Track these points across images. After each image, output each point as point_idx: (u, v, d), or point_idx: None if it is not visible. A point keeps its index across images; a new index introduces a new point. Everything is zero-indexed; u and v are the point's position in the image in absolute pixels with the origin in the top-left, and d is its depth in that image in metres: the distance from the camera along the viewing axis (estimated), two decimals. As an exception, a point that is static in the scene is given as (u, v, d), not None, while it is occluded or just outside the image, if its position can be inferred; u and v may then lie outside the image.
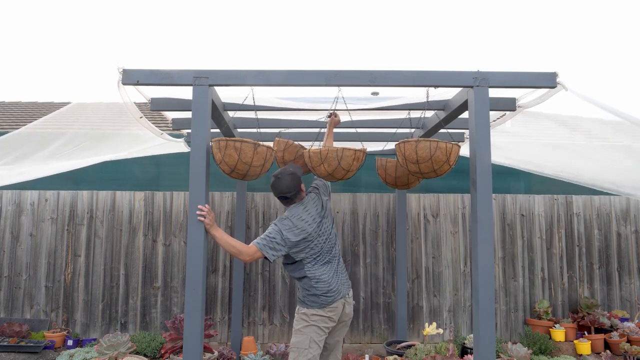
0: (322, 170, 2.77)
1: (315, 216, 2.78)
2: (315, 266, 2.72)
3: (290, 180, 2.69)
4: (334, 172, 2.76)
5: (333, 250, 2.80)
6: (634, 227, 5.21)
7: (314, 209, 2.81)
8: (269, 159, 2.70)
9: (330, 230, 2.84)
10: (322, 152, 2.72)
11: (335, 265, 2.78)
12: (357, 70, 2.59)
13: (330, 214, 2.91)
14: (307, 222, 2.74)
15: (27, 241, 4.97)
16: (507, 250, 5.10)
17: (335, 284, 2.71)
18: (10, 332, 4.51)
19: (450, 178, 5.15)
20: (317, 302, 2.68)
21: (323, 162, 2.74)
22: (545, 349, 4.38)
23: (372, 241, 5.03)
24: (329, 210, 2.91)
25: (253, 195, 5.03)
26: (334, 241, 2.84)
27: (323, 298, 2.67)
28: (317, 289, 2.67)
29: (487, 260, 2.44)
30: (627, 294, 5.12)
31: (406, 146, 2.70)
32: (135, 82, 2.59)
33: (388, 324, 4.92)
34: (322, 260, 2.74)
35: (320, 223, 2.79)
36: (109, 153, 3.87)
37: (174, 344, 3.93)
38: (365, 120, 3.84)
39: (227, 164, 2.62)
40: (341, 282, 2.76)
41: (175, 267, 4.92)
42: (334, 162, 2.72)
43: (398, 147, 2.77)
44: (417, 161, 2.67)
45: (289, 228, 2.66)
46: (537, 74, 2.60)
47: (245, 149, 2.60)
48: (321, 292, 2.68)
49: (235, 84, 2.62)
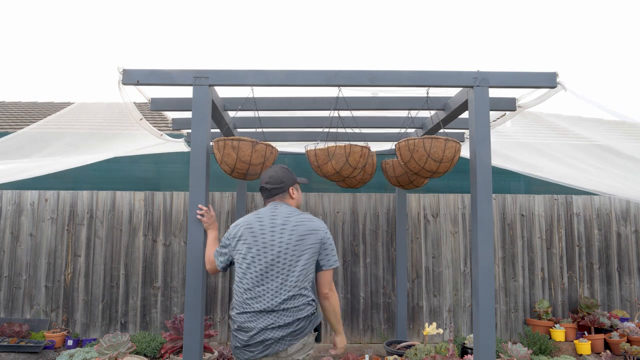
0: (329, 168, 2.76)
1: None
2: None
3: (280, 171, 2.30)
4: (341, 170, 2.75)
5: None
6: (634, 227, 5.21)
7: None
8: (269, 157, 2.70)
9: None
10: (329, 149, 2.72)
11: None
12: (357, 70, 2.59)
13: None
14: None
15: (27, 241, 4.97)
16: (507, 250, 5.10)
17: None
18: (10, 332, 4.51)
19: (450, 178, 5.17)
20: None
21: (330, 159, 2.73)
22: (545, 349, 4.38)
23: (372, 241, 5.03)
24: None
25: (253, 195, 5.03)
26: None
27: None
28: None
29: (487, 260, 2.44)
30: (627, 294, 5.12)
31: (402, 147, 2.71)
32: (136, 82, 2.59)
33: (388, 324, 4.92)
34: None
35: None
36: (108, 151, 3.87)
37: (174, 344, 3.93)
38: (365, 119, 3.84)
39: (226, 163, 2.63)
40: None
41: (175, 267, 4.92)
42: (342, 158, 2.71)
43: (398, 147, 2.77)
44: (413, 160, 2.68)
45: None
46: (537, 74, 2.60)
47: (243, 147, 2.60)
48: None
49: (235, 83, 2.62)
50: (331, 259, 2.15)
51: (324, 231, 2.15)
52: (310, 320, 2.08)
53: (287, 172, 2.31)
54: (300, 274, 2.07)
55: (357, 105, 3.29)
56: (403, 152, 2.73)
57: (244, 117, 3.80)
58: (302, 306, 2.06)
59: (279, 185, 2.26)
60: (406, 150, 2.71)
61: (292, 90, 3.17)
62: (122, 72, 2.59)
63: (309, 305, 2.09)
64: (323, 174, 2.82)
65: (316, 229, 2.13)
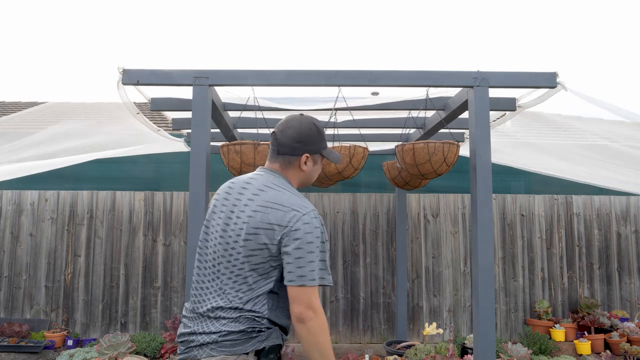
0: (331, 168, 2.77)
1: None
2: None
3: (307, 126, 1.57)
4: (343, 171, 2.77)
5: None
6: (634, 227, 5.21)
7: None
8: None
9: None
10: (334, 149, 2.73)
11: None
12: (357, 70, 2.59)
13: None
14: None
15: (27, 241, 4.97)
16: (507, 250, 5.10)
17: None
18: (10, 332, 4.51)
19: (450, 178, 5.17)
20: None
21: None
22: (545, 349, 4.38)
23: (372, 241, 5.03)
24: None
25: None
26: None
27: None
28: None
29: (487, 260, 2.44)
30: (627, 294, 5.12)
31: (401, 151, 2.71)
32: (136, 82, 2.59)
33: (388, 324, 4.92)
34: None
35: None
36: (107, 150, 3.86)
37: (174, 344, 3.93)
38: (365, 120, 3.84)
39: (233, 167, 2.68)
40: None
41: (175, 267, 4.92)
42: (346, 159, 2.73)
43: (398, 151, 2.78)
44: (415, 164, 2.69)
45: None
46: (537, 74, 2.60)
47: (245, 150, 2.62)
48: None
49: (236, 84, 2.62)
50: (302, 271, 1.37)
51: (292, 227, 1.40)
52: (250, 338, 1.41)
53: (315, 132, 1.57)
54: (243, 284, 1.44)
55: (357, 106, 3.29)
56: (403, 155, 2.75)
57: (244, 117, 3.80)
58: (243, 321, 1.42)
59: (292, 145, 1.54)
60: (405, 154, 2.72)
61: (293, 90, 3.17)
62: (122, 72, 2.59)
63: (256, 325, 1.43)
64: (324, 173, 2.83)
65: (279, 223, 1.40)
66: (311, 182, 1.69)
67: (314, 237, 1.41)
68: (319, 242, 1.42)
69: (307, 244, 1.39)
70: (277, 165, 1.58)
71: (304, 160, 1.57)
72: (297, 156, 1.56)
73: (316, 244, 1.41)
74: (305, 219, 1.41)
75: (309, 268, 1.38)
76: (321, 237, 1.43)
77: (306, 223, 1.41)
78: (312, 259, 1.39)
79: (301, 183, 1.64)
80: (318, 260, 1.41)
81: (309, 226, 1.41)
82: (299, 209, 1.43)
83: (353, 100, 3.20)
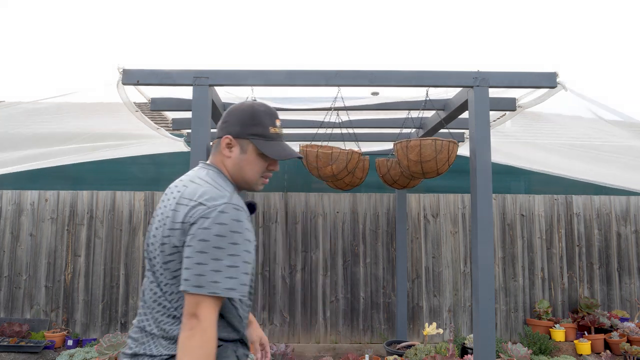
0: (327, 172, 2.76)
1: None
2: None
3: (241, 105, 1.37)
4: (339, 174, 2.77)
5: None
6: (634, 227, 5.21)
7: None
8: None
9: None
10: (332, 153, 2.73)
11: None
12: (357, 70, 2.59)
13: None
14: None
15: (27, 241, 4.97)
16: (507, 250, 5.10)
17: None
18: (10, 332, 4.51)
19: (450, 178, 5.17)
20: None
21: (332, 163, 2.74)
22: (545, 349, 4.38)
23: (372, 241, 5.03)
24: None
25: (253, 195, 5.03)
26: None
27: None
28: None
29: (487, 260, 2.44)
30: (627, 294, 5.12)
31: (398, 149, 2.71)
32: (136, 82, 2.59)
33: (388, 324, 4.92)
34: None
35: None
36: (107, 150, 3.86)
37: (174, 344, 3.93)
38: (365, 120, 3.84)
39: None
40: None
41: (175, 267, 4.92)
42: (342, 163, 2.73)
43: (396, 149, 2.78)
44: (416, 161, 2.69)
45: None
46: (537, 74, 2.60)
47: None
48: None
49: (236, 84, 2.63)
50: (188, 274, 1.15)
51: (190, 222, 1.18)
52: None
53: (247, 113, 1.34)
54: (166, 290, 1.25)
55: (357, 106, 3.29)
56: (397, 154, 2.75)
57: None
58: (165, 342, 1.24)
59: (219, 125, 1.39)
60: (399, 153, 2.72)
61: (293, 90, 3.17)
62: (122, 72, 2.59)
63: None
64: (319, 175, 2.83)
65: (183, 220, 1.20)
66: (246, 179, 1.36)
67: (211, 234, 1.15)
68: (224, 242, 1.16)
69: (200, 241, 1.15)
70: (210, 155, 1.40)
71: (224, 143, 1.34)
72: (220, 138, 1.35)
73: (214, 243, 1.15)
74: (209, 213, 1.17)
75: (195, 271, 1.14)
76: (229, 236, 1.16)
77: (205, 217, 1.17)
78: (202, 260, 1.14)
79: (237, 178, 1.36)
80: (214, 262, 1.14)
81: (210, 221, 1.16)
82: (208, 202, 1.20)
83: (353, 100, 3.20)
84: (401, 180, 3.45)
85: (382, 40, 16.34)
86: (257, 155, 1.35)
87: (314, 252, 4.98)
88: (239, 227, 1.19)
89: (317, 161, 2.77)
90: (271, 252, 4.96)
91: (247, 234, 1.21)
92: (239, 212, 1.21)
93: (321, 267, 4.96)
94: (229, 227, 1.17)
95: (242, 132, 1.33)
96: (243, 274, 1.19)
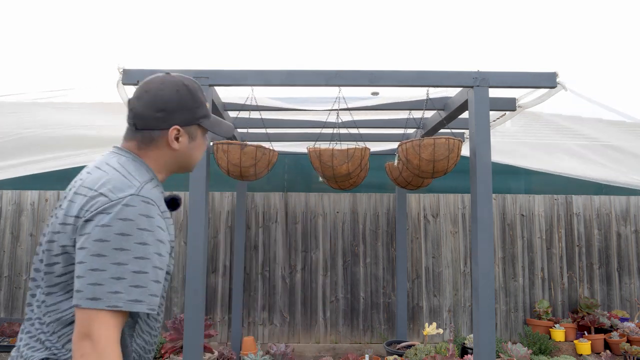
0: (342, 170, 2.76)
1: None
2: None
3: (172, 86, 1.14)
4: (352, 172, 2.79)
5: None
6: (633, 227, 5.21)
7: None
8: (260, 158, 2.72)
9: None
10: (348, 151, 2.73)
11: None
12: (357, 70, 2.59)
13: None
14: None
15: (27, 241, 4.97)
16: (507, 250, 5.10)
17: None
18: (11, 332, 4.51)
19: (450, 178, 5.17)
20: None
21: (349, 160, 2.74)
22: (545, 349, 4.38)
23: (372, 241, 5.03)
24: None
25: (253, 195, 5.03)
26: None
27: None
28: None
29: (487, 260, 2.44)
30: (627, 294, 5.12)
31: (404, 149, 2.71)
32: (136, 82, 2.59)
33: (388, 324, 4.92)
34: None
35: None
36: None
37: (174, 344, 3.93)
38: (365, 120, 3.84)
39: (221, 166, 2.73)
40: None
41: (175, 267, 4.92)
42: (357, 160, 2.75)
43: (401, 150, 2.78)
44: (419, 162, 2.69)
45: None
46: (537, 74, 2.60)
47: (232, 150, 2.66)
48: None
49: (236, 84, 2.63)
50: (80, 284, 0.93)
51: (85, 217, 0.97)
52: None
53: (185, 95, 1.14)
54: (42, 303, 1.05)
55: (357, 106, 3.29)
56: (406, 153, 2.74)
57: (244, 117, 3.80)
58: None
59: (153, 115, 1.12)
60: (408, 152, 2.72)
61: (293, 90, 3.18)
62: (122, 72, 2.59)
63: None
64: (334, 174, 2.80)
65: (77, 214, 0.99)
66: (193, 165, 1.24)
67: (112, 232, 0.92)
68: (129, 243, 0.93)
69: (96, 242, 0.92)
70: (133, 144, 1.14)
71: (173, 136, 1.13)
72: (162, 130, 1.12)
73: (115, 243, 0.92)
74: (110, 207, 0.95)
75: (90, 279, 0.90)
76: (137, 235, 0.94)
77: (105, 213, 0.93)
78: (99, 265, 0.91)
79: (178, 167, 1.20)
80: (116, 267, 0.91)
81: (110, 217, 0.93)
82: (110, 193, 0.97)
83: (353, 101, 3.20)
84: (415, 181, 3.46)
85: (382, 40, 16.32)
86: (204, 135, 1.23)
87: (314, 252, 4.98)
88: (149, 224, 0.97)
89: (333, 160, 2.74)
90: (271, 252, 4.96)
91: (159, 233, 0.99)
92: (149, 207, 0.99)
93: (321, 267, 4.96)
94: (136, 223, 0.95)
95: (191, 119, 1.16)
96: (153, 282, 0.95)
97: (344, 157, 2.73)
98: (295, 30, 8.63)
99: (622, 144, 3.39)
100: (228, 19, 8.75)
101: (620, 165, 3.65)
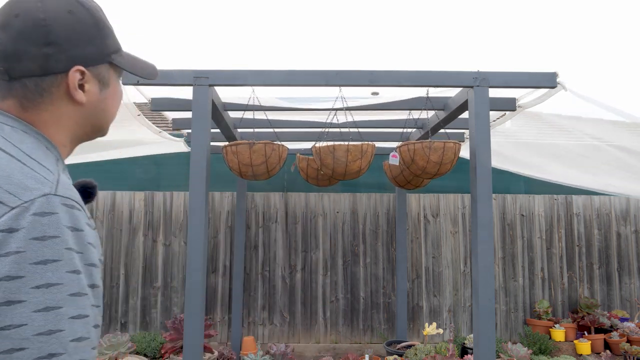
0: (355, 167, 2.76)
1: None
2: None
3: (64, 12, 0.72)
4: (364, 168, 2.82)
5: None
6: (633, 227, 5.21)
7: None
8: (271, 154, 2.72)
9: None
10: (362, 146, 2.74)
11: None
12: (357, 70, 2.59)
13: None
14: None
15: (27, 241, 4.96)
16: (507, 250, 5.10)
17: None
18: None
19: (450, 178, 5.17)
20: None
21: (362, 157, 2.75)
22: (545, 349, 4.38)
23: (372, 241, 5.03)
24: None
25: (253, 195, 5.03)
26: None
27: None
28: None
29: (487, 260, 2.44)
30: (627, 294, 5.12)
31: (403, 151, 2.72)
32: (136, 83, 2.59)
33: (388, 324, 4.92)
34: None
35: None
36: (106, 150, 3.86)
37: (174, 344, 3.93)
38: (365, 120, 3.84)
39: (233, 169, 2.73)
40: None
41: (175, 267, 4.92)
42: (368, 157, 2.78)
43: (399, 151, 2.79)
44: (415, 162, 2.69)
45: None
46: (537, 74, 2.60)
47: (241, 150, 2.65)
48: None
49: (236, 84, 2.63)
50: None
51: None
52: None
53: (86, 17, 0.75)
54: None
55: (357, 106, 3.29)
56: (413, 154, 2.75)
57: (244, 117, 3.80)
58: None
59: (37, 53, 0.70)
60: (416, 153, 2.72)
61: (293, 90, 3.18)
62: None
63: None
64: (345, 171, 2.80)
65: None
66: (108, 121, 0.84)
67: (27, 263, 0.57)
68: (60, 272, 0.59)
69: (2, 282, 0.56)
70: (12, 104, 0.72)
71: (75, 82, 0.73)
72: (56, 75, 0.72)
73: (34, 280, 0.57)
74: (12, 220, 0.58)
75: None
76: (66, 262, 0.60)
77: (7, 232, 0.58)
78: (14, 319, 0.56)
79: (89, 131, 0.81)
80: (43, 316, 0.57)
81: (21, 236, 0.58)
82: (7, 194, 0.60)
83: (353, 100, 3.20)
84: (415, 180, 3.48)
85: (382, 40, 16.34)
86: (118, 79, 0.85)
87: (314, 252, 4.98)
88: (79, 240, 0.64)
89: (348, 155, 2.73)
90: (271, 252, 4.96)
91: (91, 252, 0.65)
92: (75, 213, 0.65)
93: (321, 267, 4.96)
94: (62, 241, 0.61)
95: (98, 55, 0.77)
96: (93, 329, 0.64)
97: (358, 152, 2.74)
98: (295, 30, 8.63)
99: (623, 143, 3.39)
100: (228, 19, 8.74)
101: (620, 169, 3.64)
